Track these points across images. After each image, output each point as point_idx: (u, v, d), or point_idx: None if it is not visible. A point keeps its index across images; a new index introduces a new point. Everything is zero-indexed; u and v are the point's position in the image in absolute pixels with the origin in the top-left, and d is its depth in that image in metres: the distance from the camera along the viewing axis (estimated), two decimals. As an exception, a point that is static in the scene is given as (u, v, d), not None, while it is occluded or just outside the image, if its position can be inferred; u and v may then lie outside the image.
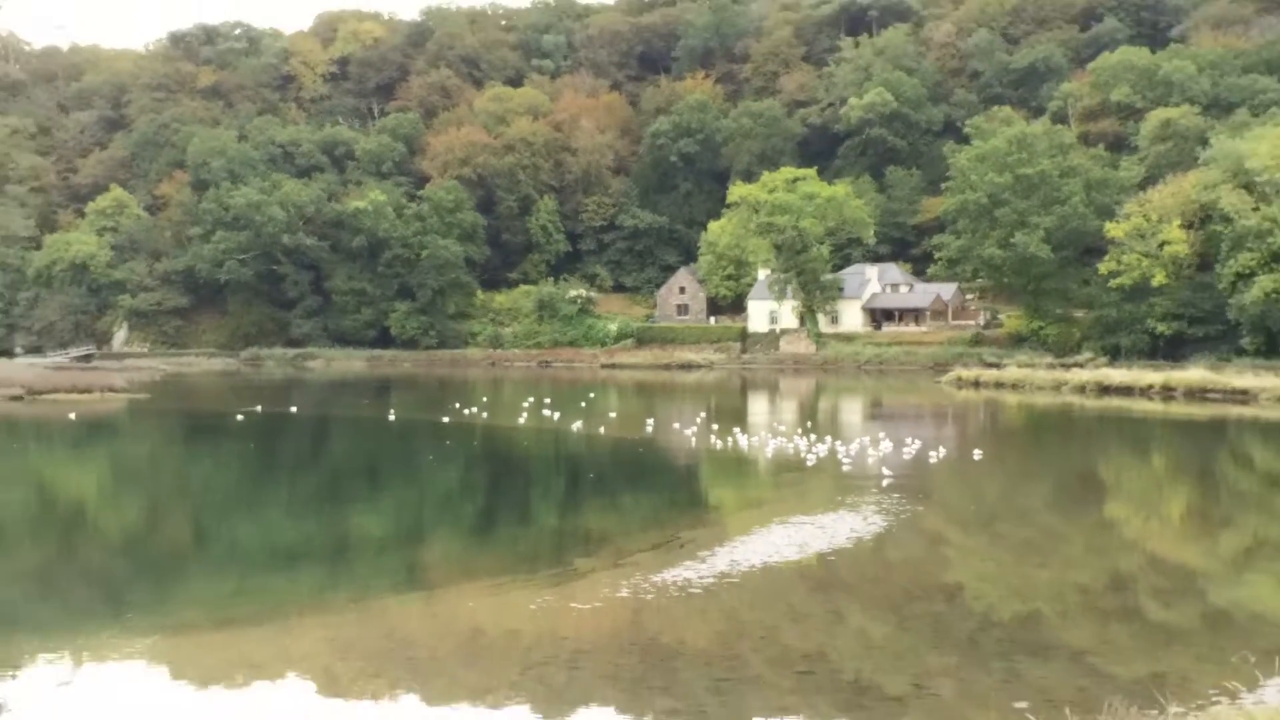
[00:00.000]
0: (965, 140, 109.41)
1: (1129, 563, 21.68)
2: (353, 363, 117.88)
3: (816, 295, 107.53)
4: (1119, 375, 67.50)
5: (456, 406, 57.13)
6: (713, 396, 72.50)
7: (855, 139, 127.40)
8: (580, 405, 56.50)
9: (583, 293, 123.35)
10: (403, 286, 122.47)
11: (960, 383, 74.61)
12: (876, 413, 61.16)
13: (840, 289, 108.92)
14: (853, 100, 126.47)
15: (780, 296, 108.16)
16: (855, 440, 38.40)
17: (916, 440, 38.08)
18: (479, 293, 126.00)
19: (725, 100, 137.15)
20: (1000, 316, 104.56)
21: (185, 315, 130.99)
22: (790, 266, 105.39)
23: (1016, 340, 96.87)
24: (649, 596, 17.66)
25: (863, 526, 23.64)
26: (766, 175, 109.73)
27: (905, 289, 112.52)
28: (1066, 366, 79.54)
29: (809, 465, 33.54)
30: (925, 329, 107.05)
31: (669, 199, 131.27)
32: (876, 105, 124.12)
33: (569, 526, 26.28)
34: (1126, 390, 63.10)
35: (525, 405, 55.02)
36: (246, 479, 36.35)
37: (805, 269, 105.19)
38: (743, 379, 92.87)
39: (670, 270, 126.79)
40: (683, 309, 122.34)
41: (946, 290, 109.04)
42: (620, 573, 19.37)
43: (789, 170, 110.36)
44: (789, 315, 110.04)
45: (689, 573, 19.18)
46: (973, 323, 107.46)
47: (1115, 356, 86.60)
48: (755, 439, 40.62)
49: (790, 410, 61.97)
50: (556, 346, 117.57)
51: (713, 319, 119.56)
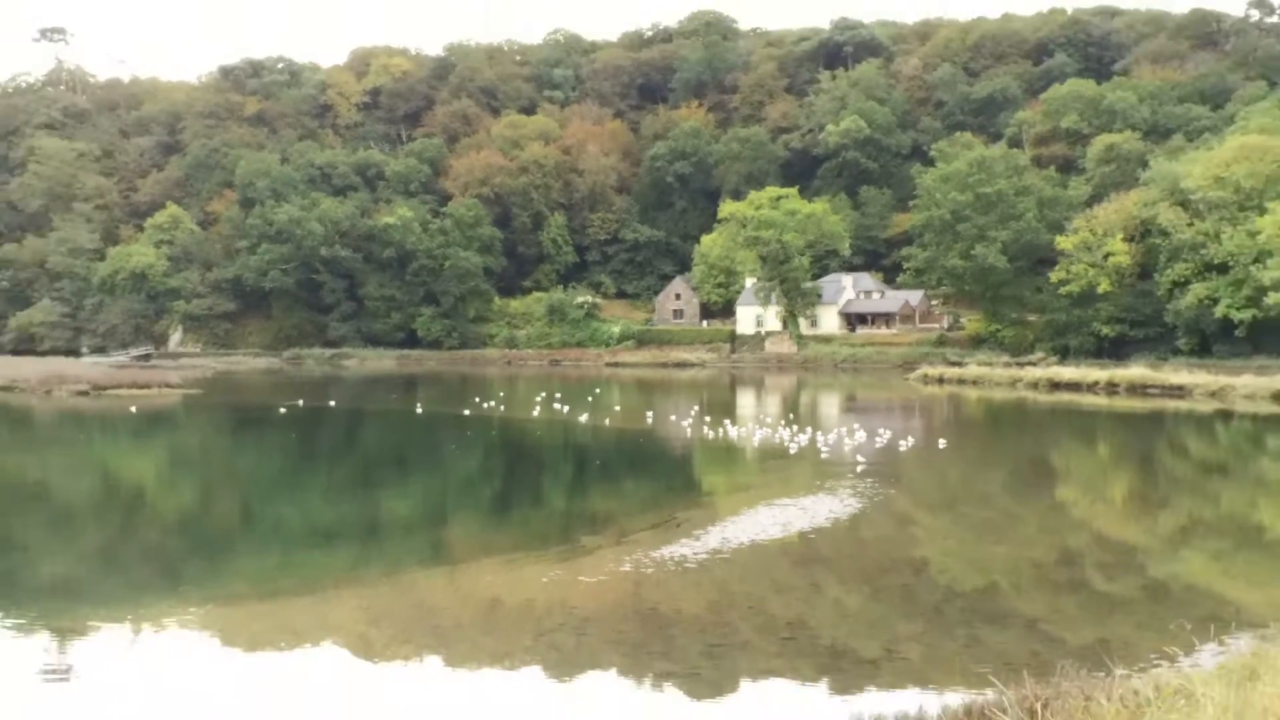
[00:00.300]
0: (931, 162, 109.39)
1: (1077, 540, 21.70)
2: (383, 362, 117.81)
3: (798, 301, 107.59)
4: (1068, 373, 67.54)
5: (476, 400, 57.14)
6: (705, 392, 72.49)
7: (832, 161, 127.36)
8: (587, 400, 56.53)
9: (589, 299, 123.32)
10: (428, 293, 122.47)
11: (926, 379, 74.71)
12: (851, 406, 61.17)
13: (819, 295, 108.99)
14: (830, 127, 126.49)
15: (765, 302, 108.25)
16: (833, 431, 38.46)
17: (887, 431, 38.13)
18: (496, 299, 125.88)
19: (716, 127, 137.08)
20: (962, 320, 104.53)
21: (233, 319, 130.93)
22: (774, 275, 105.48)
23: (976, 341, 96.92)
24: (649, 571, 17.67)
25: (839, 508, 23.66)
26: (753, 194, 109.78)
27: (877, 295, 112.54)
28: (1021, 365, 79.58)
29: (791, 453, 33.55)
30: (895, 331, 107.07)
31: (666, 215, 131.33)
32: (851, 131, 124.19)
33: (577, 508, 26.33)
34: (1075, 386, 63.11)
35: (538, 400, 55.02)
36: (289, 465, 36.39)
37: (788, 277, 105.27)
38: (732, 376, 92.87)
39: (667, 279, 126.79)
40: (678, 313, 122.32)
41: (914, 297, 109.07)
42: (623, 549, 19.39)
43: (773, 189, 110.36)
44: (773, 319, 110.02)
45: (684, 549, 19.20)
46: (937, 326, 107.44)
47: (1065, 356, 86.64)
48: (743, 430, 40.63)
49: (774, 404, 61.98)
50: (565, 347, 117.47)
51: (705, 322, 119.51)
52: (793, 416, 47.29)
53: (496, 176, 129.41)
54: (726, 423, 41.63)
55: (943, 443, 36.25)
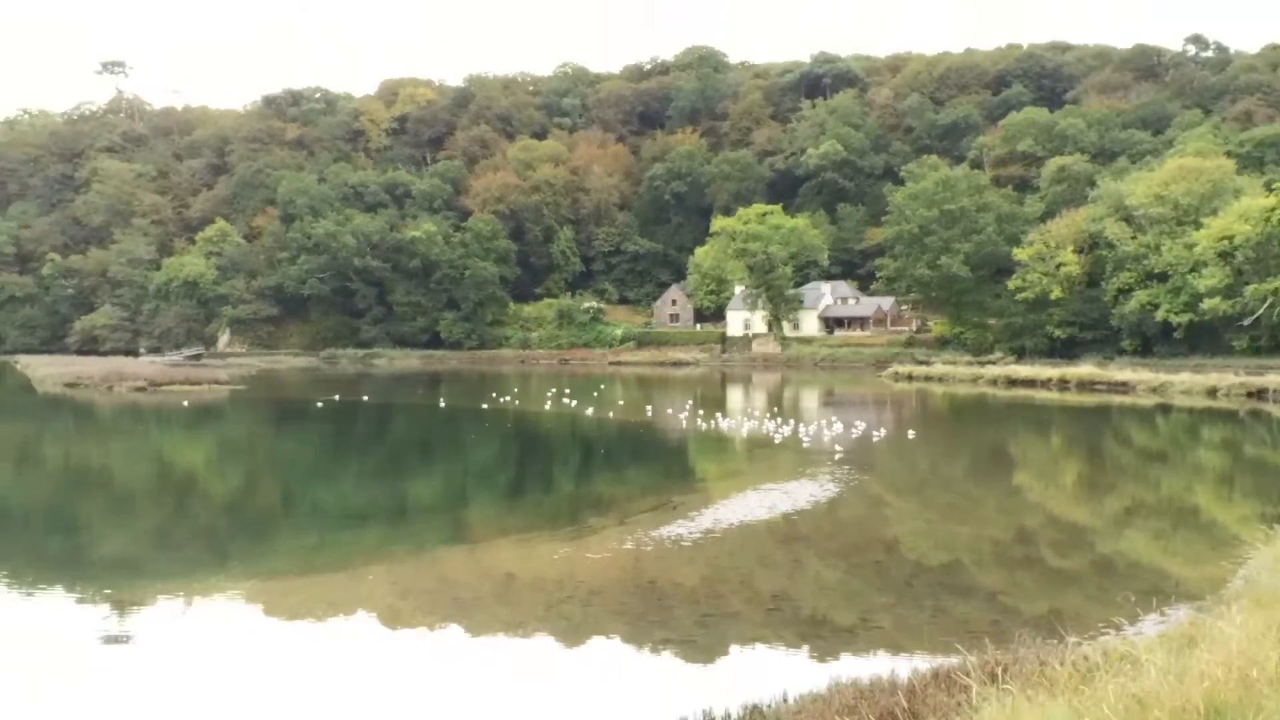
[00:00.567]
0: (901, 182, 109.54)
1: (1032, 521, 21.70)
2: (410, 361, 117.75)
3: (782, 306, 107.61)
4: (1024, 371, 67.53)
5: (493, 396, 57.12)
6: (699, 388, 72.47)
7: (813, 181, 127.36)
8: (593, 395, 56.52)
9: (594, 304, 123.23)
10: (450, 300, 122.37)
11: (897, 377, 74.67)
12: (830, 401, 61.16)
13: (800, 301, 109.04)
14: (810, 150, 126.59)
15: (752, 307, 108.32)
16: (813, 423, 38.46)
17: (862, 423, 38.11)
18: (511, 305, 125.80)
19: (708, 150, 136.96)
20: (929, 323, 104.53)
21: (275, 322, 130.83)
22: (761, 283, 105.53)
23: (942, 342, 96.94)
24: (648, 549, 17.66)
25: (819, 492, 23.65)
26: (742, 210, 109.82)
27: (853, 301, 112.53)
28: (982, 364, 79.59)
29: (776, 443, 33.54)
30: (869, 333, 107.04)
31: (663, 229, 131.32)
32: (829, 154, 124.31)
33: (583, 492, 26.30)
34: (1030, 383, 63.09)
35: (549, 395, 55.00)
36: (325, 454, 36.36)
37: (773, 285, 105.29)
38: (722, 374, 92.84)
39: (664, 286, 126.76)
40: (674, 317, 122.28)
41: (886, 302, 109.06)
42: (625, 530, 19.37)
43: (760, 206, 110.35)
44: (759, 322, 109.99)
45: (680, 529, 19.19)
46: (907, 328, 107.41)
47: (1021, 355, 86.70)
48: (733, 422, 40.64)
49: (761, 399, 61.96)
50: (573, 348, 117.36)
51: (698, 325, 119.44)
52: (777, 410, 47.27)
53: (511, 195, 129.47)
54: (718, 416, 41.63)
55: (911, 434, 36.26)
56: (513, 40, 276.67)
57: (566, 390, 57.98)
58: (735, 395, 66.17)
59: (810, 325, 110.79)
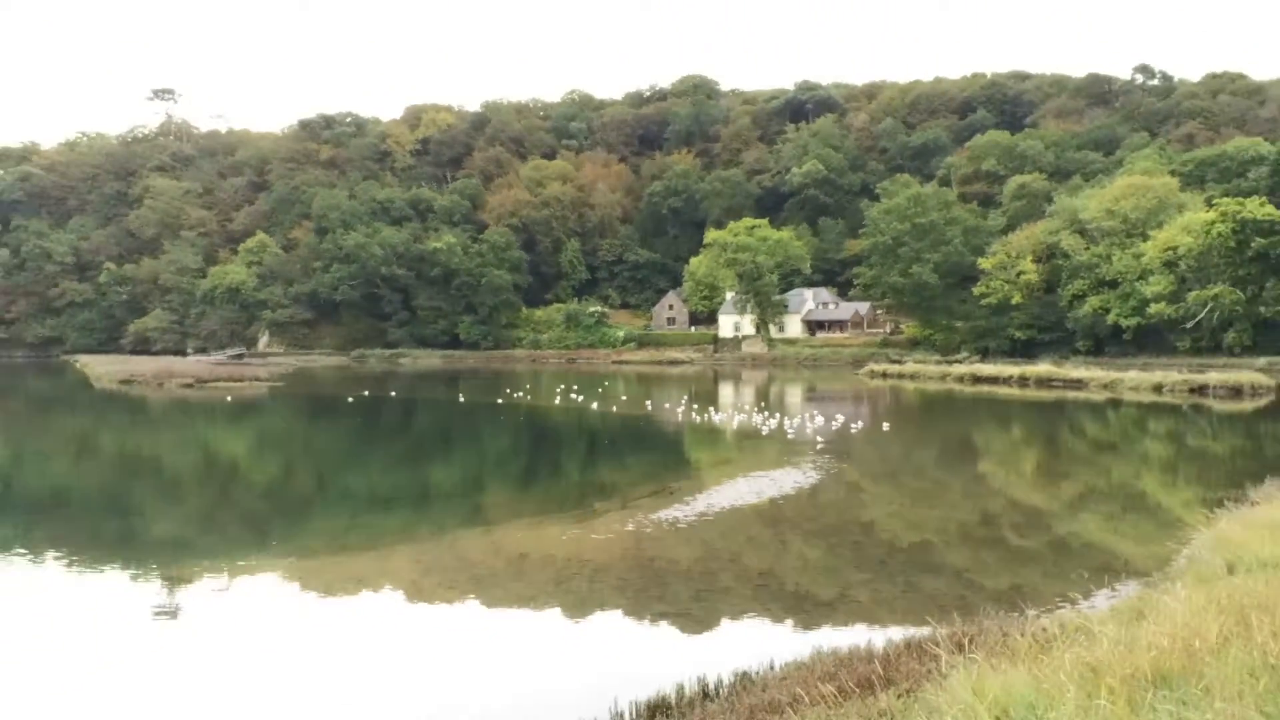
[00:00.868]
0: (876, 198, 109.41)
1: (994, 505, 21.69)
2: (432, 360, 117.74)
3: (768, 310, 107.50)
4: (987, 369, 67.43)
5: (508, 391, 57.15)
6: (693, 385, 72.47)
7: (796, 197, 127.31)
8: (597, 391, 56.51)
9: (599, 309, 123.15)
10: (468, 304, 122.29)
11: (873, 374, 74.57)
12: (812, 396, 61.14)
13: (786, 306, 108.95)
14: (794, 169, 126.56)
15: (742, 311, 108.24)
16: (797, 416, 38.45)
17: (841, 416, 38.13)
18: (523, 309, 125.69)
19: (702, 169, 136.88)
20: (901, 326, 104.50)
21: (310, 325, 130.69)
22: (749, 290, 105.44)
23: (913, 343, 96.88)
24: (648, 530, 17.67)
25: (803, 479, 23.64)
26: (732, 224, 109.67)
27: (833, 306, 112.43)
28: (950, 362, 79.53)
29: (763, 434, 33.55)
30: (847, 335, 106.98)
31: (661, 241, 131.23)
32: (812, 173, 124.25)
33: (589, 479, 26.28)
34: (993, 380, 63.04)
35: (558, 391, 55.03)
36: (355, 444, 36.34)
37: (760, 291, 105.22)
38: (715, 372, 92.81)
39: (662, 292, 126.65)
40: (671, 320, 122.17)
41: (863, 307, 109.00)
42: (626, 513, 19.38)
43: (748, 220, 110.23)
44: (748, 325, 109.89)
45: (676, 513, 19.19)
46: (882, 330, 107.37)
47: (985, 355, 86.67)
48: (724, 415, 40.64)
49: (749, 394, 61.95)
50: (580, 348, 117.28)
51: (693, 328, 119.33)
52: (764, 404, 47.27)
53: (523, 210, 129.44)
54: (710, 410, 41.62)
55: (886, 426, 36.23)
56: (525, 69, 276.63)
57: (574, 387, 57.99)
58: (726, 391, 66.16)
59: (794, 328, 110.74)
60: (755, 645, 10.77)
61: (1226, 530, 13.27)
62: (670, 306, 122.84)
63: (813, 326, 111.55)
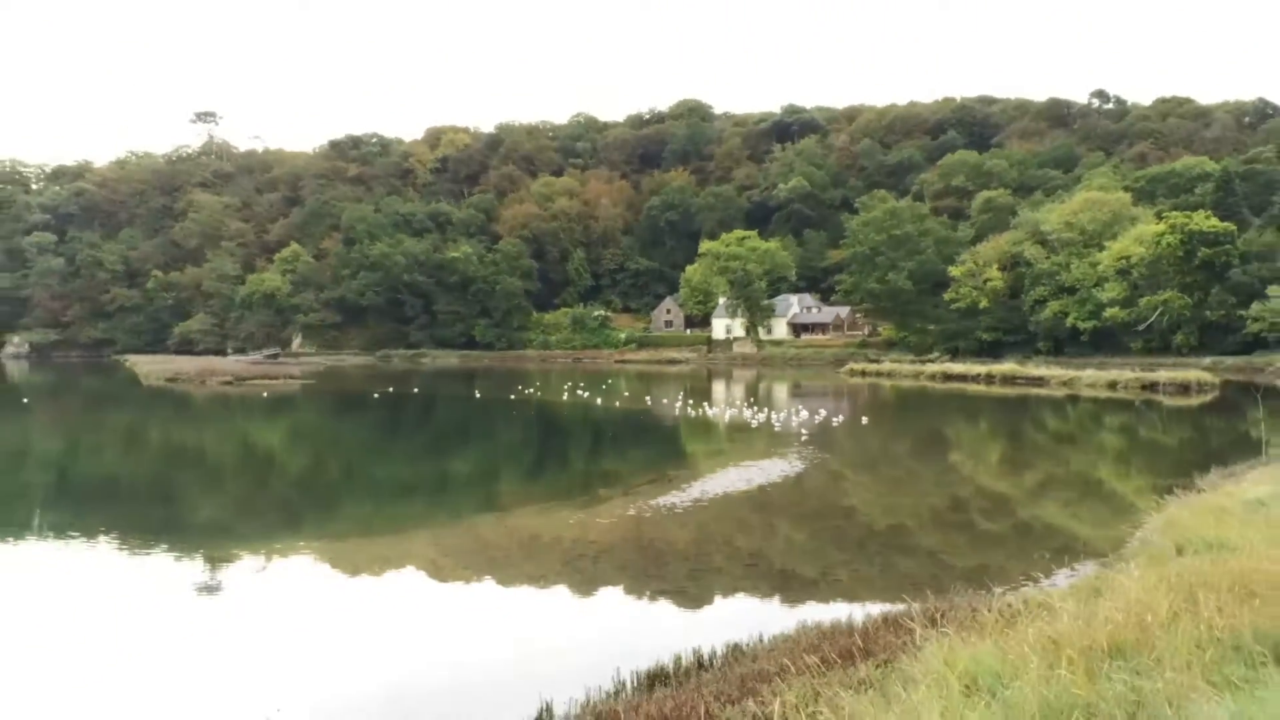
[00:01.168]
0: (855, 212, 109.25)
1: (963, 491, 21.68)
2: (450, 359, 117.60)
3: (757, 314, 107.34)
4: (957, 367, 67.41)
5: (520, 388, 57.14)
6: (689, 382, 72.39)
7: (783, 211, 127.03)
8: (602, 388, 56.49)
9: (602, 313, 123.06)
10: (483, 309, 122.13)
11: (852, 372, 74.56)
12: (797, 392, 61.11)
13: (773, 310, 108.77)
14: (781, 185, 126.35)
15: (733, 315, 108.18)
16: (783, 410, 38.42)
17: (824, 410, 38.11)
18: (533, 313, 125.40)
19: (697, 185, 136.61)
20: (879, 328, 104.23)
21: (339, 328, 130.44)
22: (740, 295, 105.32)
23: (890, 344, 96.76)
24: (647, 515, 17.67)
25: (788, 468, 23.64)
26: (724, 235, 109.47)
27: (816, 310, 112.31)
28: (923, 362, 79.40)
29: (753, 427, 33.54)
30: (829, 337, 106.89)
31: (659, 251, 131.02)
32: (797, 189, 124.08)
33: (594, 468, 26.29)
34: (962, 377, 63.04)
35: (565, 387, 55.02)
36: (381, 436, 36.34)
37: (750, 297, 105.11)
38: (708, 370, 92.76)
39: (660, 297, 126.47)
40: (669, 323, 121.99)
41: (843, 311, 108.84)
42: (628, 499, 19.37)
43: (739, 232, 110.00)
44: (739, 327, 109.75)
45: (674, 499, 19.19)
46: (861, 332, 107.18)
47: (955, 355, 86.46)
48: (717, 410, 40.63)
49: (740, 391, 61.92)
50: (585, 348, 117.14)
51: (688, 330, 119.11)
52: (753, 400, 47.26)
53: (534, 222, 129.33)
54: (705, 405, 41.61)
55: (865, 420, 36.23)
56: (535, 93, 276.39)
57: (580, 384, 57.99)
58: (719, 388, 66.16)
59: (781, 330, 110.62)
60: (745, 620, 10.77)
61: (1175, 515, 13.27)
62: (668, 310, 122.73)
63: (798, 329, 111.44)
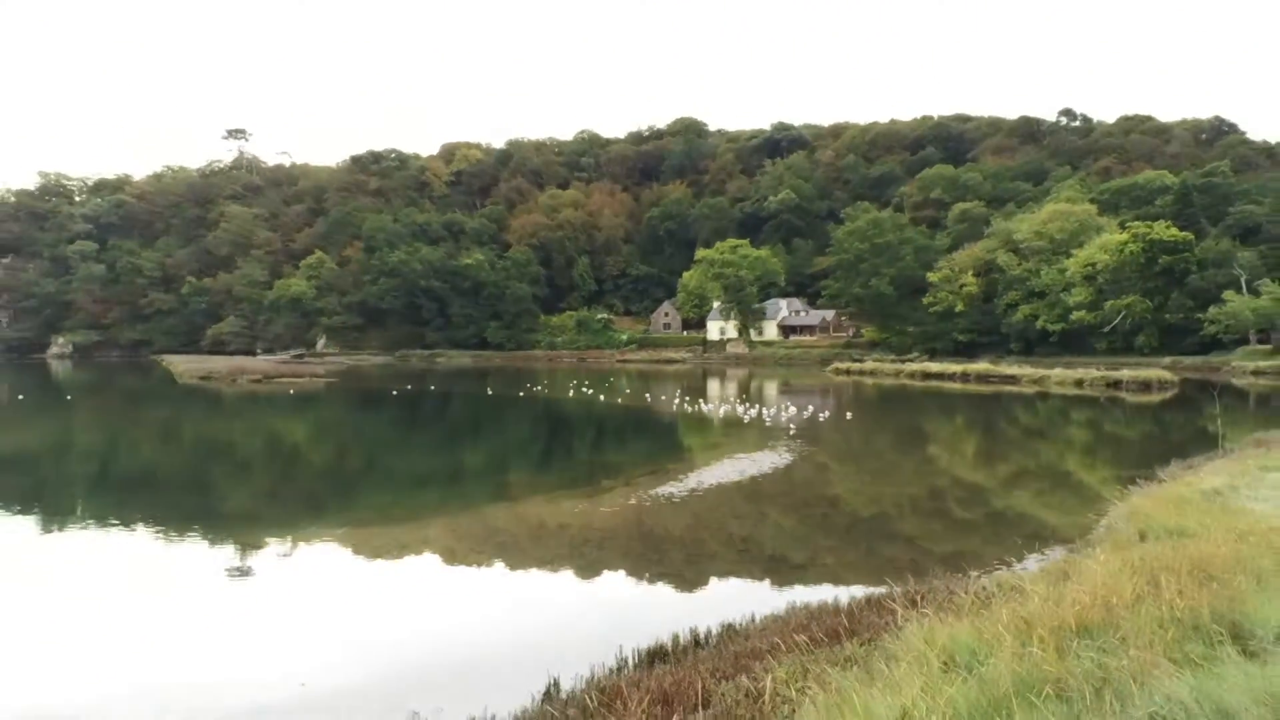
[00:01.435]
0: (841, 222, 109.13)
1: (941, 482, 21.67)
2: (464, 359, 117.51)
3: (749, 317, 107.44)
4: (935, 367, 67.39)
5: (528, 386, 57.11)
6: (685, 380, 72.33)
7: (773, 221, 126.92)
8: (604, 385, 56.48)
9: (605, 316, 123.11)
10: (494, 312, 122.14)
11: (838, 371, 74.50)
12: (786, 390, 61.08)
13: (764, 313, 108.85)
14: (771, 197, 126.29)
15: (727, 317, 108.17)
16: (773, 406, 38.41)
17: (811, 406, 38.08)
18: (541, 316, 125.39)
19: (693, 197, 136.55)
20: (862, 330, 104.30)
21: (360, 330, 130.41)
22: (733, 299, 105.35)
23: (872, 345, 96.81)
24: (647, 504, 17.66)
25: (778, 460, 23.63)
26: (719, 244, 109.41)
27: (804, 313, 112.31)
28: (903, 361, 79.45)
29: (745, 422, 33.51)
30: (816, 338, 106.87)
31: (658, 258, 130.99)
32: (786, 200, 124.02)
33: (597, 460, 26.28)
34: (940, 376, 63.02)
35: (570, 385, 54.99)
36: (399, 430, 36.31)
37: (742, 301, 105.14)
38: (704, 370, 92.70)
39: (659, 301, 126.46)
40: (667, 325, 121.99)
41: (829, 314, 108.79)
42: (629, 489, 19.37)
43: (732, 240, 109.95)
44: (732, 329, 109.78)
45: (672, 489, 19.18)
46: (845, 334, 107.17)
47: (933, 355, 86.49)
48: (711, 406, 40.60)
49: (733, 388, 61.89)
50: (589, 349, 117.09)
51: (685, 331, 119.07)
52: (745, 397, 47.24)
53: (541, 231, 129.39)
54: (700, 401, 41.59)
55: (849, 415, 36.21)
56: (542, 112, 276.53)
57: (584, 382, 57.96)
58: (713, 386, 66.14)
59: (771, 331, 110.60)
60: (739, 601, 10.77)
61: (1138, 504, 13.25)
62: (666, 313, 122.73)
63: (787, 330, 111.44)
